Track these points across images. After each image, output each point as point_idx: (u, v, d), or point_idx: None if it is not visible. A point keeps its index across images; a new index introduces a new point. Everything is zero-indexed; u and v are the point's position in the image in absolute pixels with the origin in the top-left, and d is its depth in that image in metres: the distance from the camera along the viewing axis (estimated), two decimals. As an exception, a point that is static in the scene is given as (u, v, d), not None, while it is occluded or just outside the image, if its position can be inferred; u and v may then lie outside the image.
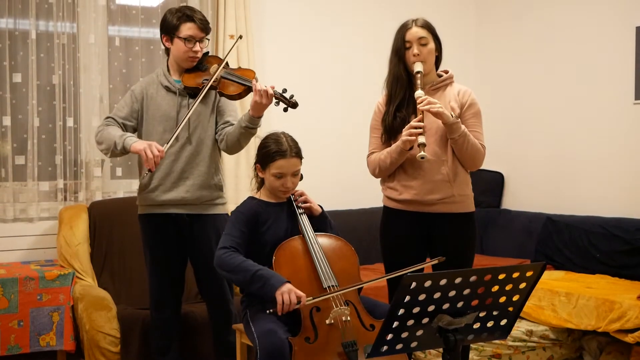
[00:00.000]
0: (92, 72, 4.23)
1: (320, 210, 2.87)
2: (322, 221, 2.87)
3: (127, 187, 4.38)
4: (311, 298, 2.52)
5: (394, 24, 3.00)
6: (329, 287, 2.60)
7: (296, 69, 4.78)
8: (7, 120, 4.02)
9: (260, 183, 2.88)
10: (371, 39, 4.97)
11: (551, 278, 4.12)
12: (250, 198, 2.86)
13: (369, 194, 4.18)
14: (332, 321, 2.53)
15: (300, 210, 2.82)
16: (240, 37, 3.40)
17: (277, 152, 2.71)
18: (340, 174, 4.88)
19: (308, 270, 2.66)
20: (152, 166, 2.91)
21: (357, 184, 4.59)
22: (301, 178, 2.86)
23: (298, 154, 2.76)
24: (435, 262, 2.52)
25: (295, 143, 2.78)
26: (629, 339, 3.43)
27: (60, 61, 4.14)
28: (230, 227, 2.72)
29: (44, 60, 4.14)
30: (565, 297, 3.75)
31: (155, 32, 4.44)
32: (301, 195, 2.85)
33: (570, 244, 4.45)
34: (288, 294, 2.47)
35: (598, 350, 3.83)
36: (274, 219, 2.78)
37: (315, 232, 2.79)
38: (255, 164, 2.84)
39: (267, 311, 2.50)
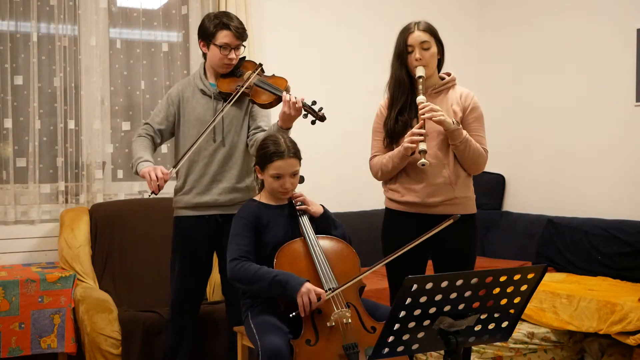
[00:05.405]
0: (94, 75, 4.23)
1: (321, 211, 2.85)
2: (325, 222, 2.86)
3: (129, 190, 4.38)
4: (330, 291, 2.54)
5: (395, 26, 3.00)
6: (329, 289, 2.59)
7: (297, 72, 4.76)
8: (8, 123, 4.03)
9: (261, 185, 2.88)
10: (372, 41, 4.97)
11: (552, 280, 4.12)
12: (251, 200, 2.86)
13: (370, 196, 4.18)
14: (333, 323, 2.53)
15: (301, 212, 2.82)
16: (261, 65, 3.17)
17: (274, 152, 2.71)
18: (341, 176, 4.88)
19: (309, 272, 2.65)
20: (155, 189, 2.91)
21: (358, 186, 4.60)
22: (302, 180, 2.86)
23: (296, 155, 2.75)
24: (450, 221, 2.39)
25: (294, 143, 2.77)
26: (631, 341, 3.42)
27: (61, 63, 4.14)
28: (235, 235, 2.71)
29: (45, 62, 4.15)
30: (566, 299, 3.74)
31: (156, 35, 4.44)
32: (299, 197, 2.85)
33: (571, 246, 4.44)
34: (308, 294, 2.48)
35: (599, 352, 3.83)
36: (274, 222, 2.77)
37: (318, 233, 2.79)
38: (254, 165, 2.84)
39: (290, 315, 2.52)
